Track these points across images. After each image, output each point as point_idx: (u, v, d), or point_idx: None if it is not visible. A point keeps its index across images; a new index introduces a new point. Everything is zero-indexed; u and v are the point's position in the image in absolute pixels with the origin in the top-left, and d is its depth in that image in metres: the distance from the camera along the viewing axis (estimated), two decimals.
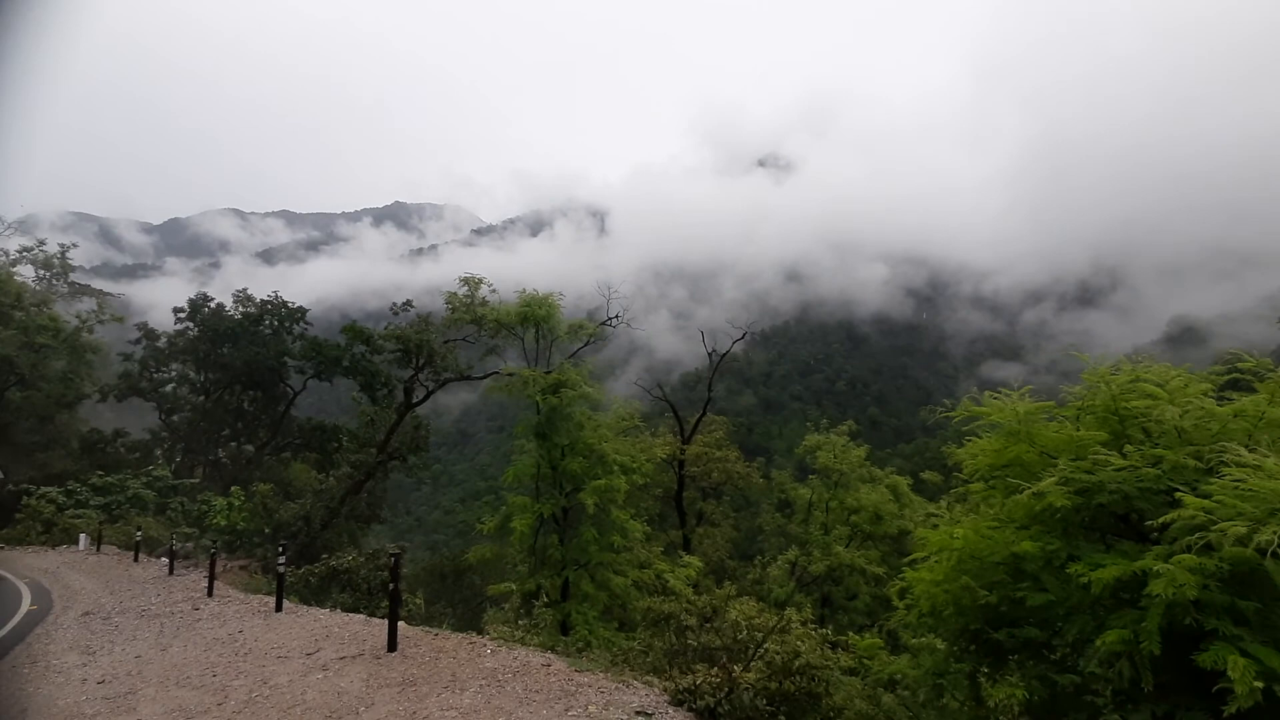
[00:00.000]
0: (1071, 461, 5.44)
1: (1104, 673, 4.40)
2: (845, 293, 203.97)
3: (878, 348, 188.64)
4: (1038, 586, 5.22)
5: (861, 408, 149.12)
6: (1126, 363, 6.22)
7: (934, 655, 6.32)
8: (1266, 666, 3.82)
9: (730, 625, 9.96)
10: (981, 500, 6.85)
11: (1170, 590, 4.08)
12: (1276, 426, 5.20)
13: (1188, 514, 4.32)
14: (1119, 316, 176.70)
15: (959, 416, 6.83)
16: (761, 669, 7.86)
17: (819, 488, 23.55)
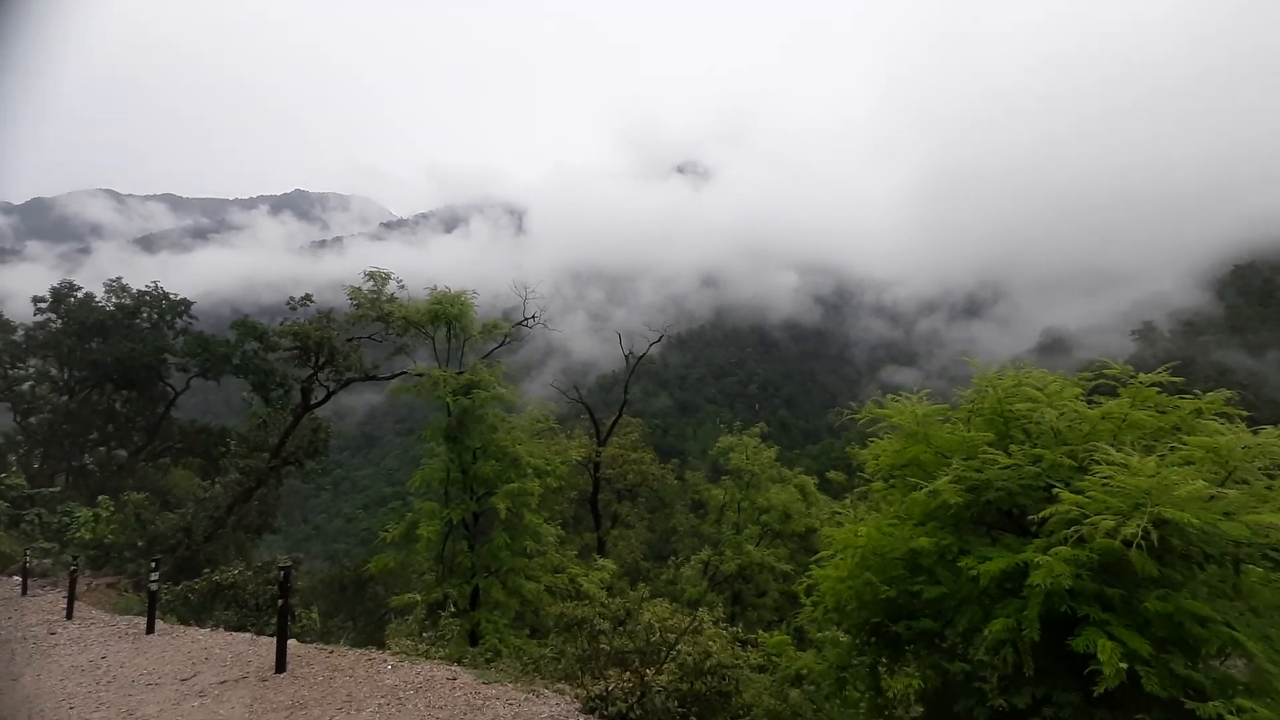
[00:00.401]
0: (963, 461, 5.77)
1: (990, 660, 4.66)
2: (759, 299, 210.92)
3: (788, 352, 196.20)
4: (933, 580, 5.49)
5: (772, 410, 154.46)
6: (1010, 368, 6.69)
7: (838, 649, 6.52)
8: (1130, 648, 4.16)
9: (644, 628, 9.93)
10: (882, 499, 7.15)
11: (1048, 580, 4.38)
12: (1138, 428, 5.72)
13: (1063, 509, 4.66)
14: (1000, 327, 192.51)
15: (863, 418, 7.11)
16: (674, 671, 7.86)
17: (731, 488, 24.09)
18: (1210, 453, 4.75)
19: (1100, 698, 4.20)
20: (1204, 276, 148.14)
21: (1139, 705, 4.20)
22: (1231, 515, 4.23)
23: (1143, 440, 5.57)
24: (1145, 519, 4.13)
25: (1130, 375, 5.97)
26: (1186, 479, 4.26)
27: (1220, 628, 4.18)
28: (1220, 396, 5.42)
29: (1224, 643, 4.23)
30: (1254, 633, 4.32)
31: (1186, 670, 4.13)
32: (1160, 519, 4.16)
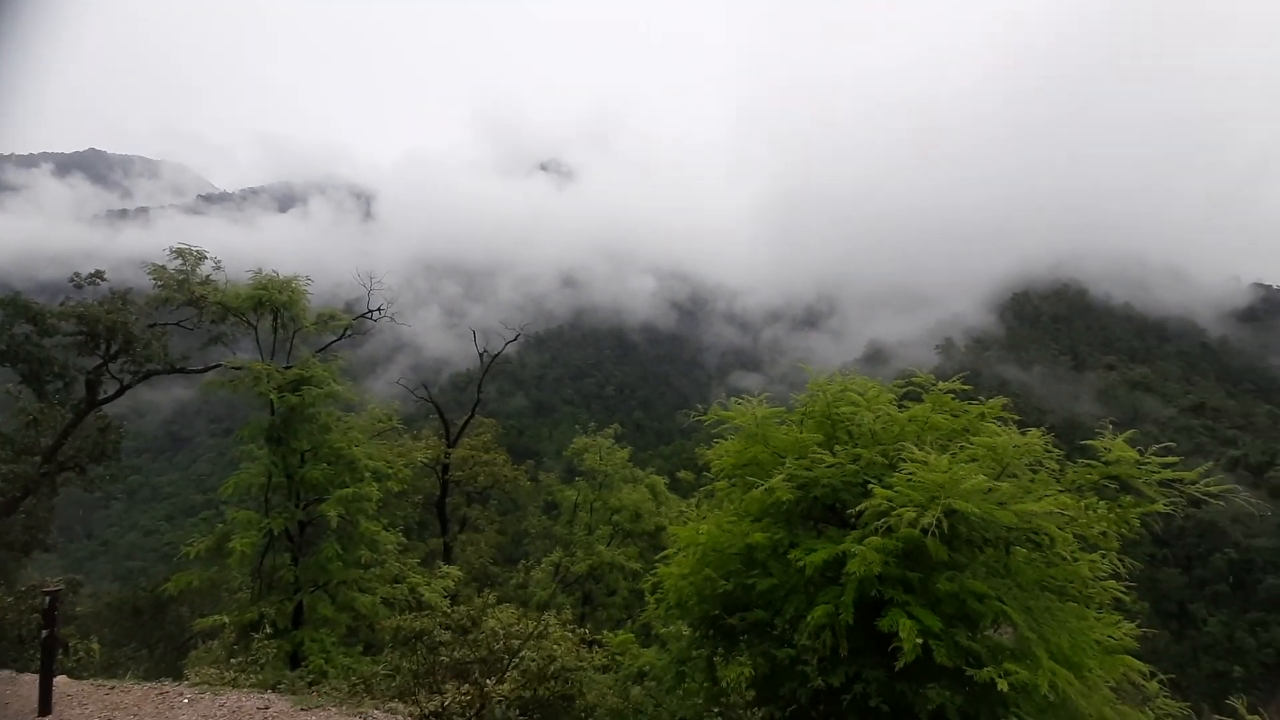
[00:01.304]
0: (796, 460, 6.20)
1: (812, 643, 5.03)
2: (617, 301, 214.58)
3: (645, 355, 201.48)
4: (765, 573, 5.84)
5: (628, 411, 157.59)
6: (838, 376, 7.32)
7: (679, 644, 6.72)
8: (925, 625, 4.69)
9: (488, 636, 9.59)
10: (725, 497, 7.50)
11: (862, 568, 4.82)
12: (937, 429, 6.48)
13: (876, 502, 5.16)
14: (833, 337, 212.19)
15: (708, 420, 7.41)
16: (516, 678, 7.65)
17: (585, 489, 24.13)
18: (989, 451, 5.50)
19: (901, 671, 4.68)
20: (991, 302, 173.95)
21: (931, 675, 4.75)
22: (1004, 505, 4.92)
23: (940, 440, 6.34)
24: (939, 510, 4.68)
25: (931, 384, 6.78)
26: (971, 474, 4.89)
27: (994, 602, 4.83)
28: (998, 403, 6.32)
29: (996, 615, 4.90)
30: (1018, 605, 5.06)
31: (968, 641, 4.73)
32: (950, 509, 4.74)
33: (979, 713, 4.63)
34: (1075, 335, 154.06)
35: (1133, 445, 5.41)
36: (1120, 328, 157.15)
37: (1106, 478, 5.42)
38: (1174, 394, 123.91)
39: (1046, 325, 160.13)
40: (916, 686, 4.72)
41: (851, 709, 5.01)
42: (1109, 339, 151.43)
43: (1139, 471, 5.24)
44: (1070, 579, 5.75)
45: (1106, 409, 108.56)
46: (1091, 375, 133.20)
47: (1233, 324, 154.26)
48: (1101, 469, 5.43)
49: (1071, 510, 5.27)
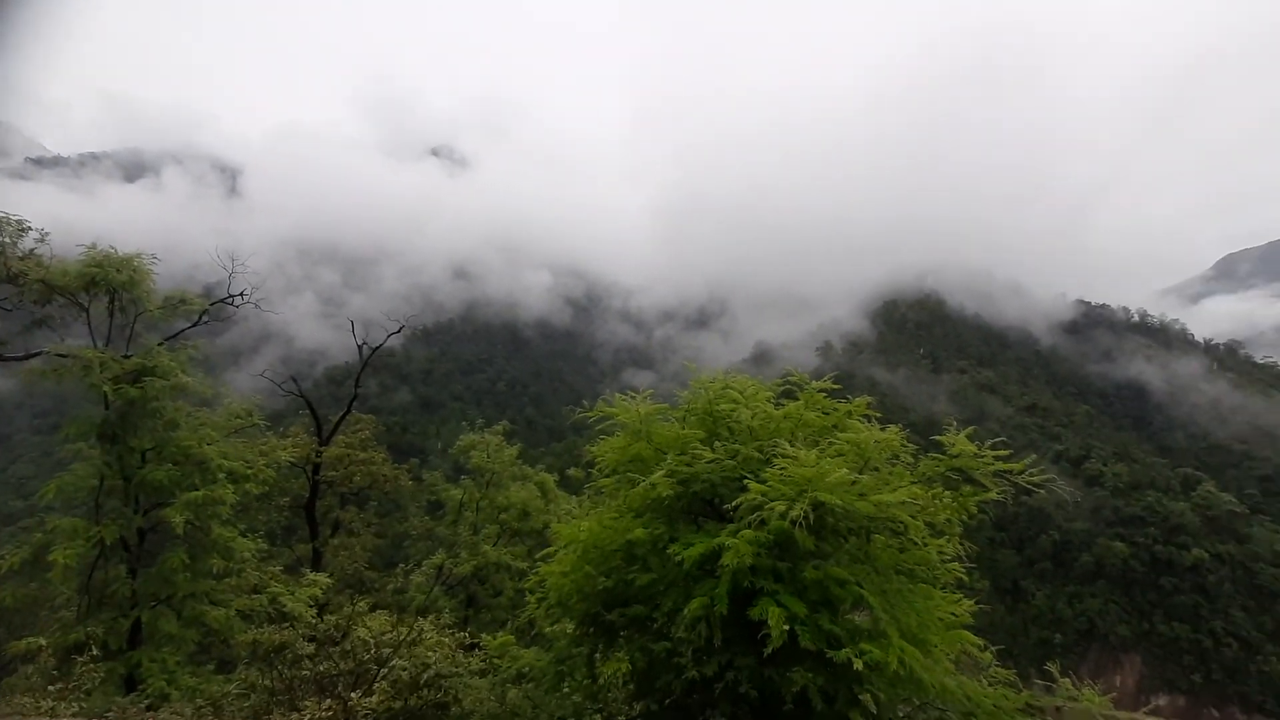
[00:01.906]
0: (677, 456, 6.32)
1: (688, 635, 5.13)
2: (511, 296, 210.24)
3: (539, 351, 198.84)
4: (645, 568, 5.90)
5: (520, 408, 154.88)
6: (720, 374, 7.54)
7: (560, 643, 6.65)
8: (792, 612, 4.92)
9: (357, 645, 9.04)
10: (610, 493, 7.51)
11: (735, 560, 4.98)
12: (809, 426, 6.84)
13: (751, 497, 5.35)
14: (723, 338, 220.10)
15: (594, 416, 7.39)
16: (386, 690, 7.26)
17: (471, 488, 23.39)
18: (854, 446, 5.88)
19: (769, 657, 4.89)
20: (865, 308, 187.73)
21: (796, 659, 5.00)
22: (864, 496, 5.27)
23: (812, 436, 6.70)
24: (806, 502, 4.93)
25: (805, 383, 7.15)
26: (836, 468, 5.19)
27: (853, 587, 5.17)
28: (863, 401, 6.78)
29: (856, 599, 5.24)
30: (875, 589, 5.43)
31: (830, 625, 5.01)
32: (818, 502, 5.01)
33: (838, 691, 4.92)
34: (935, 341, 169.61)
35: (973, 441, 5.98)
36: (971, 335, 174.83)
37: (951, 470, 5.96)
38: (1013, 395, 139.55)
39: (911, 331, 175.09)
40: (783, 671, 4.95)
41: (723, 697, 5.18)
42: (962, 345, 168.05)
43: (977, 464, 5.81)
44: (920, 563, 6.26)
45: (958, 408, 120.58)
46: (947, 378, 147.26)
47: (1060, 335, 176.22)
48: (947, 462, 5.97)
49: (922, 500, 5.73)
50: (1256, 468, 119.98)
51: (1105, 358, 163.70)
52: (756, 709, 5.43)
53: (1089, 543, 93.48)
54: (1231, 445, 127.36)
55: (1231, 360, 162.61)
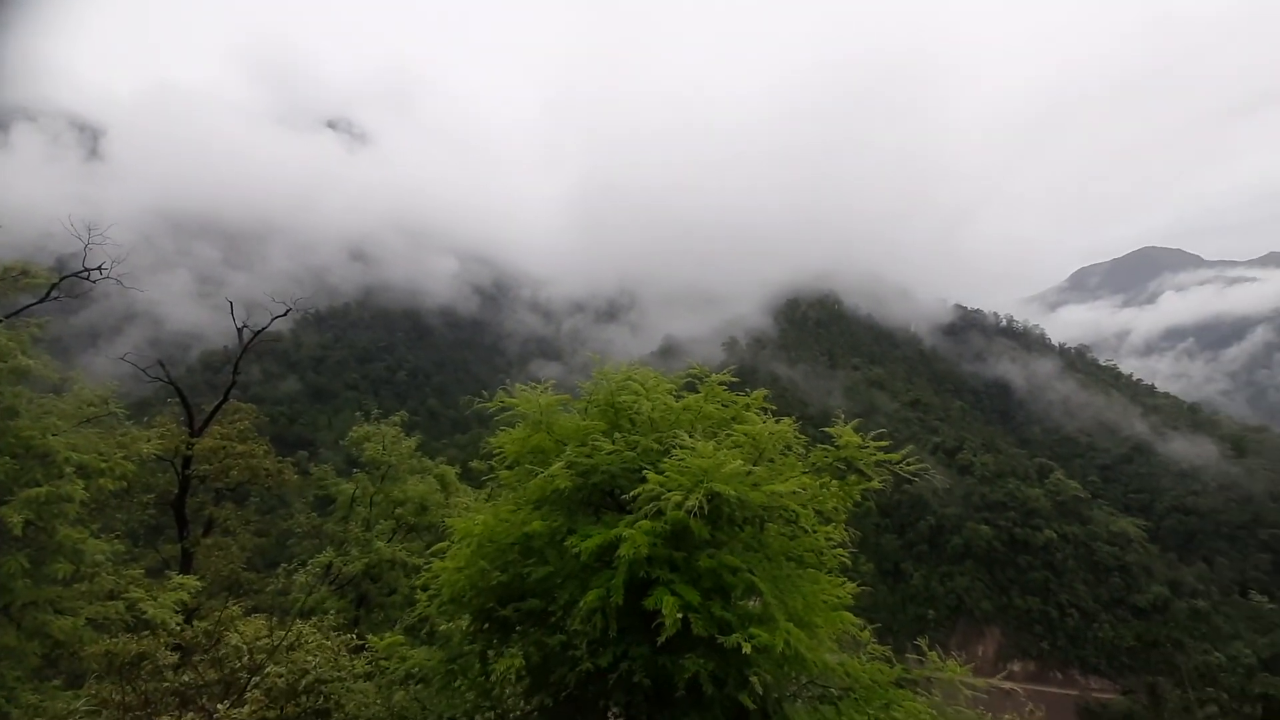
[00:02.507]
0: (578, 448, 6.26)
1: (584, 627, 5.10)
2: (414, 281, 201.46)
3: (443, 340, 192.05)
4: (542, 561, 5.80)
5: (422, 399, 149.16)
6: (624, 366, 7.53)
7: (451, 642, 6.44)
8: (686, 600, 5.00)
9: (230, 652, 8.35)
10: (509, 486, 7.33)
11: (632, 550, 5.00)
12: (709, 418, 6.98)
13: (649, 487, 5.38)
14: (632, 331, 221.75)
15: (494, 407, 7.18)
16: (259, 699, 6.75)
17: (364, 481, 22.19)
18: (749, 438, 6.05)
19: (663, 645, 4.95)
20: (769, 305, 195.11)
21: (689, 646, 5.09)
22: (758, 486, 5.44)
23: (711, 428, 6.84)
24: (702, 493, 5.03)
25: (707, 375, 7.29)
26: (731, 459, 5.32)
27: (745, 575, 5.32)
28: (760, 394, 7.00)
29: (748, 586, 5.41)
30: (766, 576, 5.63)
31: (722, 612, 5.14)
32: (713, 492, 5.11)
33: (728, 675, 5.06)
34: (832, 339, 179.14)
35: (859, 433, 6.33)
36: (864, 334, 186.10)
37: (839, 460, 6.28)
38: (899, 391, 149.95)
39: (811, 329, 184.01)
40: (676, 658, 5.03)
41: (617, 687, 5.19)
42: (856, 344, 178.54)
43: (861, 454, 6.16)
44: (810, 549, 6.56)
45: (851, 402, 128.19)
46: (842, 374, 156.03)
47: (940, 336, 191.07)
48: (835, 453, 6.28)
49: (811, 489, 5.99)
50: (1098, 457, 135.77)
51: (977, 358, 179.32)
52: (650, 697, 5.49)
53: (960, 526, 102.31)
54: (1078, 437, 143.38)
55: (1080, 362, 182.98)
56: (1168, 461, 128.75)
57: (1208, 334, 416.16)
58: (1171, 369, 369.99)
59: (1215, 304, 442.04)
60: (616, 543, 5.23)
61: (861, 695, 6.07)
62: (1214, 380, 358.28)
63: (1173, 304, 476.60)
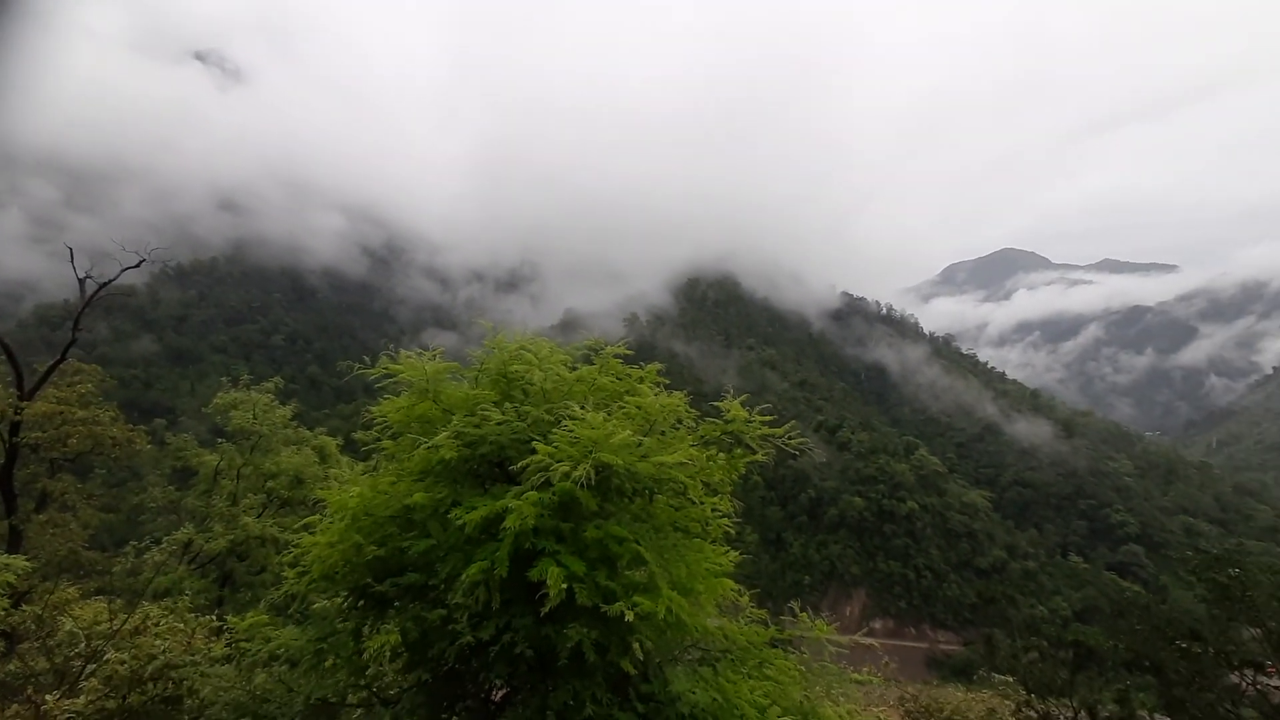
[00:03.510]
0: (465, 417, 6.04)
1: (465, 601, 4.97)
2: (294, 237, 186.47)
3: (326, 303, 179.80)
4: (424, 534, 5.58)
5: (301, 365, 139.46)
6: (518, 336, 7.33)
7: (322, 620, 6.09)
8: (571, 571, 4.99)
9: (65, 638, 7.48)
10: (392, 456, 6.98)
11: (518, 522, 4.91)
12: (603, 390, 6.96)
13: (538, 459, 5.30)
14: (533, 303, 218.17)
15: (375, 374, 6.78)
16: (98, 688, 6.11)
17: (231, 453, 20.46)
18: (641, 410, 6.10)
19: (547, 615, 4.93)
20: (670, 284, 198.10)
21: (573, 616, 5.10)
22: (647, 458, 5.50)
23: (605, 400, 6.83)
24: (590, 463, 5.01)
25: (602, 346, 7.26)
26: (621, 431, 5.34)
27: (632, 545, 5.38)
28: (653, 369, 7.06)
29: (634, 556, 5.47)
30: (653, 546, 5.73)
31: (607, 581, 5.18)
32: (602, 463, 5.11)
33: (611, 642, 5.13)
34: (729, 319, 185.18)
35: (746, 408, 6.55)
36: (759, 316, 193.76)
37: (726, 433, 6.48)
38: (789, 371, 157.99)
39: (710, 309, 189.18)
40: (560, 628, 5.02)
41: (499, 658, 5.13)
42: (751, 325, 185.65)
43: (747, 428, 6.38)
44: (696, 519, 6.75)
45: (744, 381, 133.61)
46: (736, 353, 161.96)
47: (828, 321, 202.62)
48: (722, 426, 6.47)
49: (699, 461, 6.15)
50: (956, 436, 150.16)
51: (859, 343, 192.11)
52: (533, 667, 5.47)
53: (836, 498, 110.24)
54: (941, 418, 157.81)
55: (945, 350, 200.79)
56: (1012, 440, 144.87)
57: (1050, 329, 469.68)
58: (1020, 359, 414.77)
59: (1058, 303, 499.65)
60: (503, 514, 5.12)
61: (738, 656, 6.39)
62: (1053, 370, 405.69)
63: (1024, 301, 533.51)
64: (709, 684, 5.53)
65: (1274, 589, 20.28)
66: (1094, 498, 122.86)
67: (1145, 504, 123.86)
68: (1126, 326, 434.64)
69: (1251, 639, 21.26)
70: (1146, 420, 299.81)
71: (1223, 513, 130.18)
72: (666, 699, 5.36)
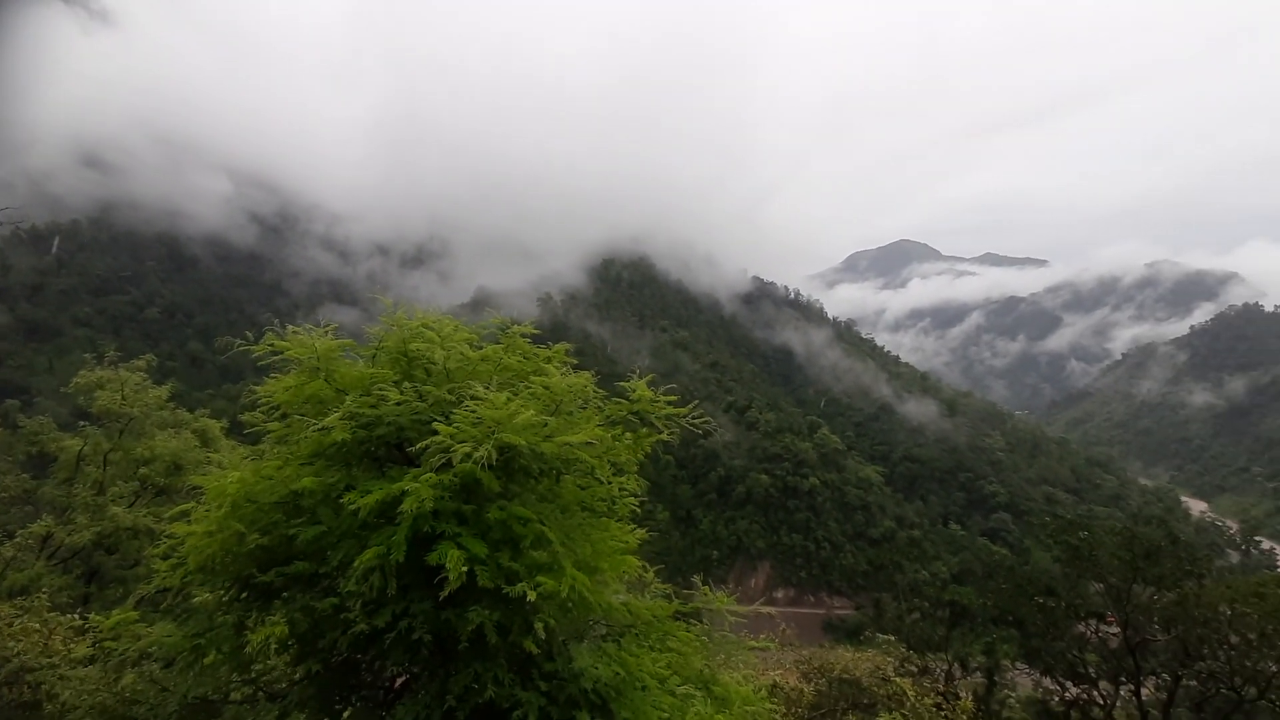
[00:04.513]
0: (360, 397, 5.75)
1: (359, 588, 4.77)
2: (171, 201, 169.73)
3: (210, 274, 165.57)
4: (314, 520, 5.30)
5: (181, 341, 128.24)
6: (420, 311, 7.03)
7: (198, 615, 5.67)
8: (473, 553, 4.90)
9: None
10: (283, 439, 6.55)
11: (416, 505, 4.76)
12: (510, 369, 6.82)
13: (439, 439, 5.13)
14: (441, 279, 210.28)
15: (260, 351, 6.32)
16: None
17: (96, 437, 18.56)
18: (547, 390, 6.03)
19: (447, 599, 4.82)
20: (584, 264, 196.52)
21: (475, 598, 5.02)
22: (551, 438, 5.46)
23: (511, 379, 6.70)
24: (492, 444, 4.92)
25: (509, 325, 7.10)
26: (525, 410, 5.26)
27: (535, 525, 5.35)
28: (562, 348, 6.99)
29: (537, 536, 5.44)
30: (558, 525, 5.72)
31: (510, 562, 5.13)
32: (504, 444, 5.02)
33: (513, 623, 5.10)
34: (643, 301, 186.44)
35: (652, 388, 6.63)
36: (673, 298, 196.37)
37: (632, 413, 6.53)
38: (701, 353, 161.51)
39: (624, 290, 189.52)
40: (460, 611, 4.93)
41: (396, 646, 4.98)
42: (665, 306, 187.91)
43: (652, 408, 6.47)
44: (602, 498, 6.80)
45: (658, 362, 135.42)
46: (650, 334, 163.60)
47: (739, 304, 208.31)
48: (628, 406, 6.52)
49: (605, 441, 6.17)
50: (855, 416, 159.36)
51: (768, 326, 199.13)
52: (433, 652, 5.36)
53: (744, 476, 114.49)
54: (841, 398, 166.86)
55: (847, 334, 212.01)
56: (903, 419, 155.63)
57: (939, 316, 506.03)
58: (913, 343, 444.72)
59: (946, 292, 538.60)
60: (400, 498, 4.94)
61: (642, 630, 6.53)
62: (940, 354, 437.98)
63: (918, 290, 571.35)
64: (612, 659, 5.62)
65: (1115, 549, 23.09)
66: (972, 471, 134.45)
67: (1014, 476, 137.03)
68: (1003, 315, 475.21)
69: (1096, 593, 24.15)
70: (1017, 400, 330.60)
71: (1077, 483, 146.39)
72: (570, 675, 5.40)
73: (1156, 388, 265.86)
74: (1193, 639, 20.76)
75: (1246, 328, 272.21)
